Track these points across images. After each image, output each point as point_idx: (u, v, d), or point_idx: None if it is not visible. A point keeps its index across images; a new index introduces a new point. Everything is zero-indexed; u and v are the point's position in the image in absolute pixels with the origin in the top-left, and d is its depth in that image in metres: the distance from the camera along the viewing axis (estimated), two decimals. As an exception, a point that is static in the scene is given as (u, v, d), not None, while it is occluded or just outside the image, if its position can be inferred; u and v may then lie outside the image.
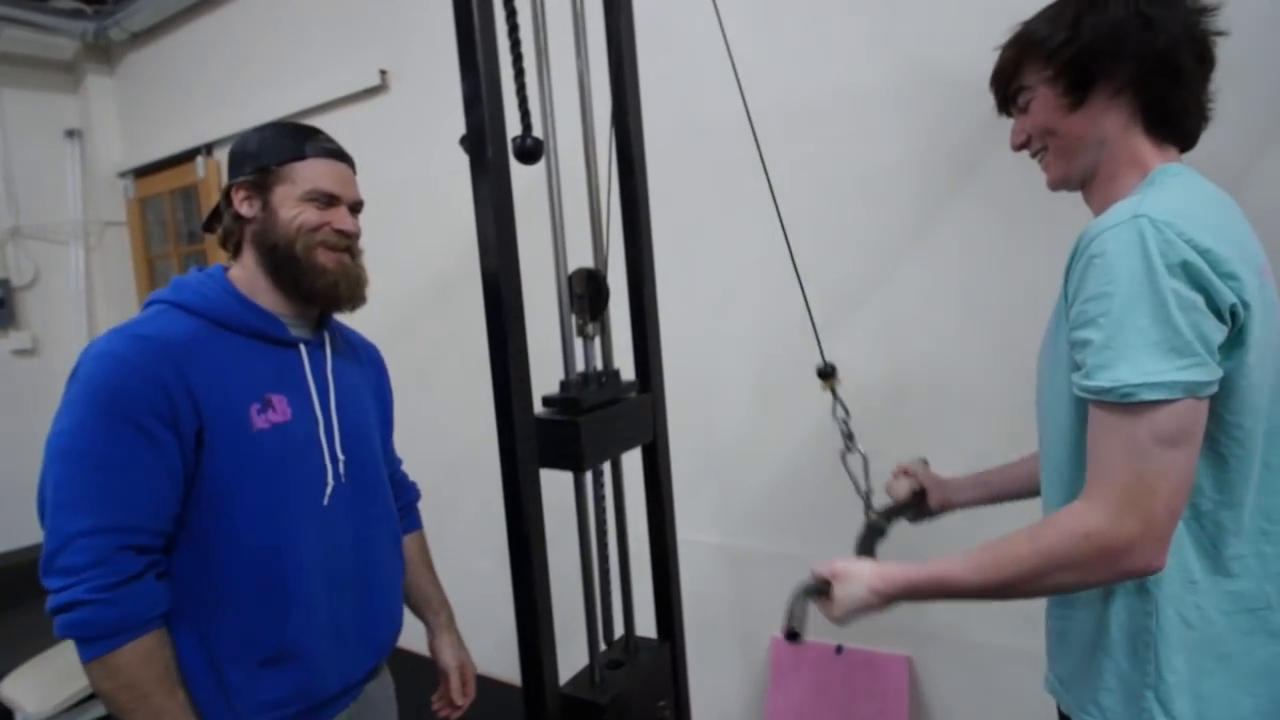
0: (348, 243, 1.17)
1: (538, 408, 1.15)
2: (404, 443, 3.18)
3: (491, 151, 1.02)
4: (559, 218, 1.19)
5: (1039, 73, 0.94)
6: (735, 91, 1.97)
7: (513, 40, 1.09)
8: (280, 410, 1.08)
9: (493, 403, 1.09)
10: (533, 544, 1.10)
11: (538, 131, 1.13)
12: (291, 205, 1.12)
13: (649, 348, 1.34)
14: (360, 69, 2.79)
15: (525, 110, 1.11)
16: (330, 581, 1.12)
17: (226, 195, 1.15)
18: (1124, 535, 0.78)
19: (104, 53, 3.92)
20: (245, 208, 1.13)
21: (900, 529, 1.29)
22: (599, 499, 1.27)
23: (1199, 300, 0.77)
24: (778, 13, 1.88)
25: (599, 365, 1.26)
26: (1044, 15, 0.94)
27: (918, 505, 1.29)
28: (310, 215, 1.12)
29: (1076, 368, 0.84)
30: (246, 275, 1.14)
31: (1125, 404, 0.78)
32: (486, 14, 1.00)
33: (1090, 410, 0.83)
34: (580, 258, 1.25)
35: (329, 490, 1.12)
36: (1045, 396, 0.97)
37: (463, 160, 1.05)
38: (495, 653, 2.73)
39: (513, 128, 1.08)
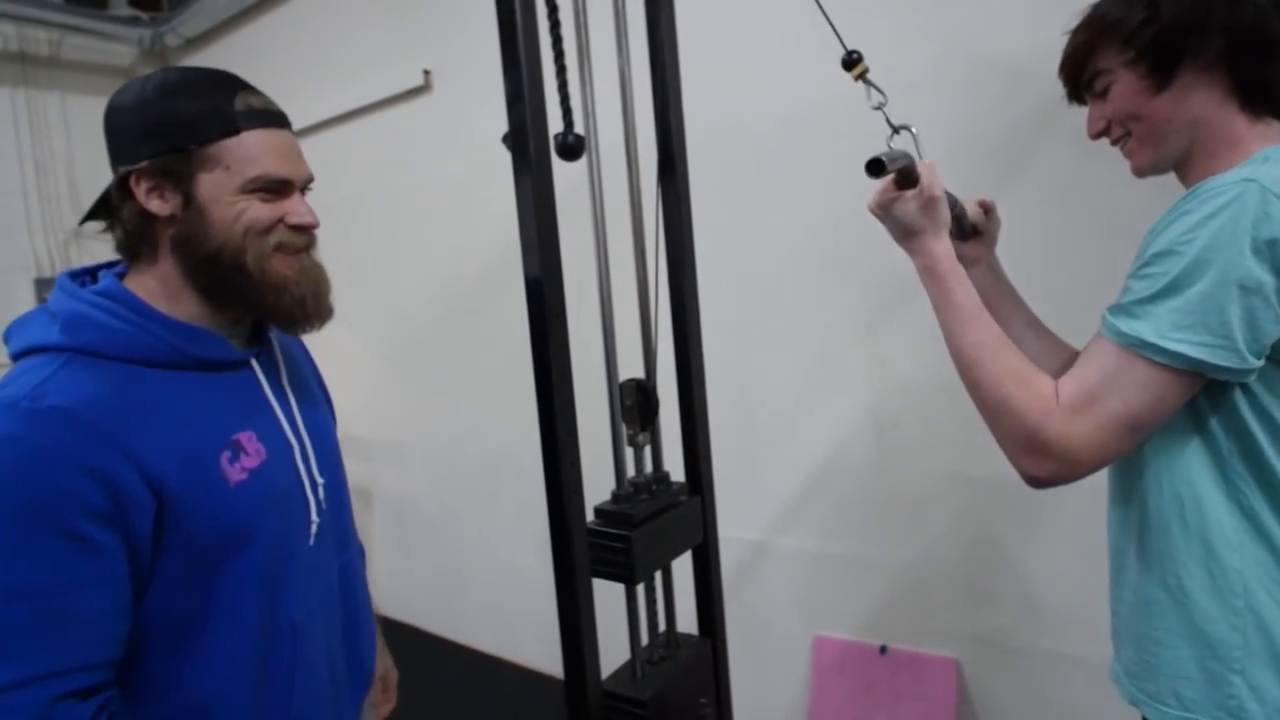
0: (308, 239, 0.91)
1: (590, 515, 1.16)
2: (445, 439, 3.25)
3: (534, 148, 1.02)
4: (600, 214, 1.20)
5: (1117, 56, 0.90)
6: (776, 85, 1.96)
7: (554, 37, 1.09)
8: (254, 451, 0.87)
9: (531, 398, 1.09)
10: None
11: (579, 128, 1.13)
12: (228, 200, 0.83)
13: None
14: (404, 70, 2.83)
15: (567, 107, 1.11)
16: (325, 626, 0.97)
17: (122, 184, 0.83)
18: (1057, 454, 0.82)
19: (160, 58, 4.05)
20: (155, 204, 0.83)
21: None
22: (650, 603, 1.28)
23: (1270, 284, 0.74)
24: (824, 3, 1.86)
25: (649, 468, 1.27)
26: None
27: (960, 231, 1.19)
28: (258, 212, 0.85)
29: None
30: (160, 284, 0.86)
31: (1131, 351, 0.79)
32: (529, 12, 1.01)
33: (1103, 336, 0.84)
34: (622, 255, 1.24)
35: (314, 527, 0.94)
36: None
37: (505, 158, 1.06)
38: (535, 645, 2.76)
39: (554, 125, 1.08)
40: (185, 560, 0.80)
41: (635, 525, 1.16)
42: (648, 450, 1.27)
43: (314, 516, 0.94)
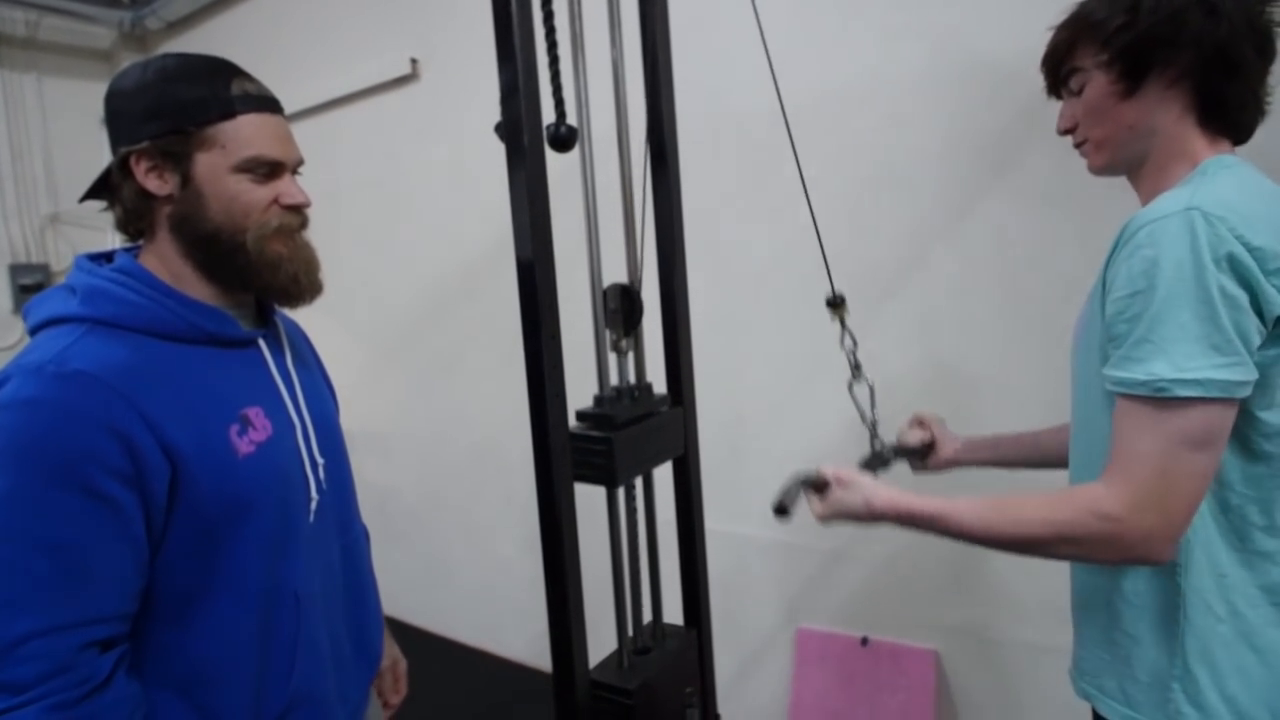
0: (302, 220, 0.95)
1: (572, 421, 1.16)
2: (430, 430, 3.23)
3: (528, 140, 1.02)
4: (592, 205, 1.20)
5: (1094, 56, 0.91)
6: (767, 80, 1.96)
7: (548, 28, 1.09)
8: (261, 426, 0.90)
9: (518, 390, 1.09)
10: (566, 549, 1.11)
11: (572, 119, 1.13)
12: (223, 180, 0.87)
13: (681, 361, 1.35)
14: (391, 58, 2.81)
15: (559, 98, 1.12)
16: (327, 605, 0.98)
17: (123, 165, 0.87)
18: (1142, 528, 0.79)
19: (140, 42, 3.98)
20: (154, 183, 0.87)
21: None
22: (630, 509, 1.28)
23: (1243, 298, 0.76)
24: (811, 1, 1.87)
25: (632, 379, 1.27)
26: None
27: (924, 455, 1.30)
28: (255, 193, 0.89)
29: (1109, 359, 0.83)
30: (165, 264, 0.90)
31: (1158, 399, 0.78)
32: (524, 4, 1.01)
33: (1118, 399, 0.82)
34: (613, 247, 1.25)
35: (314, 505, 0.97)
36: (1079, 385, 0.97)
37: (492, 148, 1.05)
38: (519, 638, 2.77)
39: (547, 115, 1.08)
40: (192, 528, 0.83)
41: (617, 427, 1.16)
42: (631, 362, 1.26)
43: (313, 494, 0.97)
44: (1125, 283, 0.80)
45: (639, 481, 1.31)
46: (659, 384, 1.31)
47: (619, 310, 1.22)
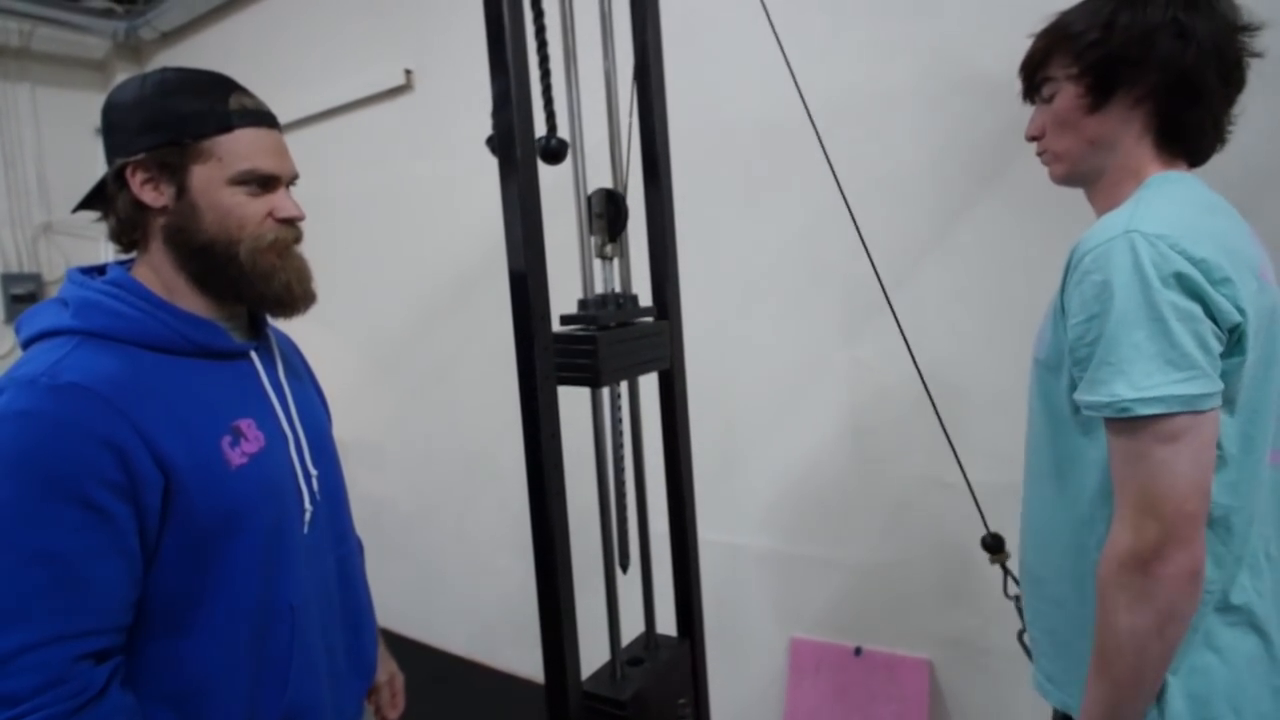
0: (296, 233, 0.96)
1: (556, 326, 1.13)
2: (423, 440, 3.22)
3: (520, 153, 1.02)
4: (585, 218, 1.20)
5: (1066, 68, 0.93)
6: (758, 93, 1.98)
7: (539, 40, 1.10)
8: (253, 438, 0.90)
9: (511, 401, 1.09)
10: (558, 558, 1.10)
11: (564, 132, 1.14)
12: (218, 193, 0.88)
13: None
14: (385, 69, 2.81)
15: (551, 111, 1.12)
16: (322, 617, 0.98)
17: (118, 176, 0.88)
18: (1147, 541, 0.78)
19: (134, 52, 3.98)
20: (149, 194, 0.87)
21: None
22: (616, 424, 1.25)
23: (1197, 309, 0.77)
24: (800, 14, 1.88)
25: (617, 289, 1.25)
26: (1082, 8, 0.94)
27: None
28: (250, 207, 0.89)
29: (1075, 385, 0.85)
30: (158, 276, 0.91)
31: (1124, 419, 0.79)
32: (516, 15, 1.01)
33: (1105, 432, 0.83)
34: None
35: (308, 516, 0.97)
36: (1030, 394, 0.99)
37: (486, 160, 1.06)
38: (512, 649, 2.75)
39: (541, 127, 1.08)
40: (186, 539, 0.83)
41: (602, 328, 1.14)
42: (616, 273, 1.24)
43: (307, 506, 0.97)
44: (1080, 308, 0.82)
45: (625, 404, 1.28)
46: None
47: (604, 215, 1.19)
